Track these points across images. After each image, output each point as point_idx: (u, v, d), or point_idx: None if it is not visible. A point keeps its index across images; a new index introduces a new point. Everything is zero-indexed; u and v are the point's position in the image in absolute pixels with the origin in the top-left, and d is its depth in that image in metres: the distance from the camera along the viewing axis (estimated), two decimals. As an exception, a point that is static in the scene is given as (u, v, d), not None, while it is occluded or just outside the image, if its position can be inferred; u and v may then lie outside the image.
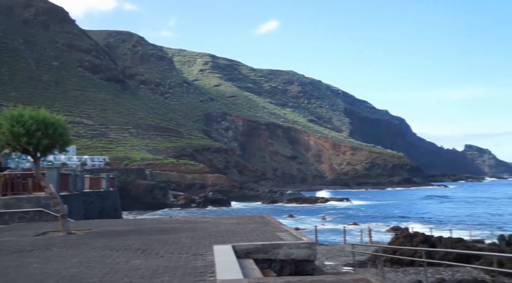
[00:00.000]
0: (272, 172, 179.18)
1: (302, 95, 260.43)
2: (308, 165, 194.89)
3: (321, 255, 20.10)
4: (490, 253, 12.45)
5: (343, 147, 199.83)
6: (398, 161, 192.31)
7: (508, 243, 18.50)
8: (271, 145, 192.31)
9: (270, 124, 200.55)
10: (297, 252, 7.94)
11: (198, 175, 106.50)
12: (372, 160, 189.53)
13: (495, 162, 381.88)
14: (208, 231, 10.28)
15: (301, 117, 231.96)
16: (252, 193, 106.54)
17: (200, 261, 6.29)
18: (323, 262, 18.06)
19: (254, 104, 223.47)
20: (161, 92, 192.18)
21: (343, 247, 24.46)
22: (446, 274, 14.33)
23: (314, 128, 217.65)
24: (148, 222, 14.83)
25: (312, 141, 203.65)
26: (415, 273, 14.96)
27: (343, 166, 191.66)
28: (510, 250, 16.65)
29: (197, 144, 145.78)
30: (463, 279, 12.47)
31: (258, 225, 11.15)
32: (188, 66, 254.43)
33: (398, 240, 18.80)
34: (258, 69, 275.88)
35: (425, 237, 18.81)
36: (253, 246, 7.73)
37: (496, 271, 8.45)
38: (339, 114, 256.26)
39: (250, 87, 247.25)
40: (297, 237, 9.04)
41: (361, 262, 17.73)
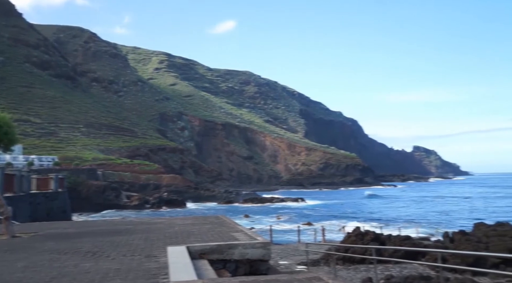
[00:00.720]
0: (228, 172, 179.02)
1: (259, 96, 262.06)
2: (264, 166, 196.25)
3: (276, 254, 20.28)
4: (435, 250, 13.07)
5: (298, 148, 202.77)
6: (351, 161, 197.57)
7: (451, 240, 19.43)
8: (228, 145, 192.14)
9: (226, 124, 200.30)
10: (252, 252, 7.99)
11: (153, 176, 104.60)
12: (326, 161, 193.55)
13: (440, 163, 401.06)
14: (162, 232, 10.13)
15: (258, 117, 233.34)
16: (208, 194, 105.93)
17: (153, 263, 6.18)
18: (277, 261, 18.23)
19: (211, 104, 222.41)
20: (114, 91, 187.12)
21: (297, 247, 24.80)
22: (394, 271, 14.87)
23: (270, 129, 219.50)
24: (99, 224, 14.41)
25: (268, 142, 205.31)
26: (365, 271, 15.42)
27: (298, 166, 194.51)
28: (453, 246, 17.51)
29: (152, 144, 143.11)
30: (410, 275, 12.99)
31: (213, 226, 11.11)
32: (143, 64, 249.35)
33: (350, 239, 19.29)
34: (214, 69, 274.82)
35: (376, 235, 19.41)
36: (207, 246, 7.71)
37: (440, 266, 8.86)
38: (295, 115, 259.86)
39: (206, 87, 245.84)
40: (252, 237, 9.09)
41: (315, 260, 18.05)
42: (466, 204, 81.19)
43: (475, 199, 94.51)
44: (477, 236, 18.58)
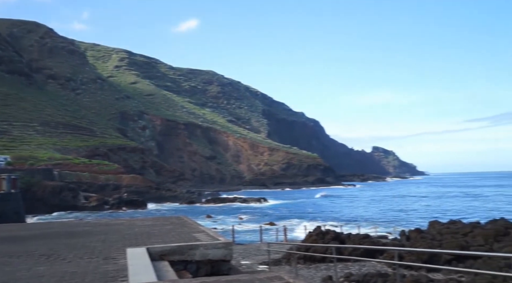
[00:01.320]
0: (191, 173, 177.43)
1: (222, 96, 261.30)
2: (226, 166, 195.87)
3: (238, 254, 20.30)
4: (391, 248, 13.47)
5: (261, 148, 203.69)
6: (313, 161, 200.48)
7: (408, 238, 20.08)
8: (190, 145, 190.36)
9: (189, 124, 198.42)
10: (213, 252, 7.96)
11: (112, 176, 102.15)
12: (288, 161, 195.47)
13: (398, 163, 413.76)
14: (122, 234, 9.91)
15: (220, 117, 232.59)
16: (170, 194, 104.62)
17: (112, 265, 6.04)
18: (239, 261, 18.25)
19: (173, 103, 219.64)
20: (72, 88, 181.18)
21: (259, 246, 24.92)
22: (354, 269, 15.21)
23: (233, 129, 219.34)
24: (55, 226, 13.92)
25: (231, 142, 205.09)
26: (326, 269, 15.68)
27: (261, 166, 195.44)
28: (409, 244, 18.10)
29: (111, 143, 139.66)
30: (368, 272, 13.32)
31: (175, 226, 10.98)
32: (103, 61, 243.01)
33: (311, 238, 19.56)
34: (177, 68, 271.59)
35: (336, 234, 19.78)
36: (168, 247, 7.61)
37: (397, 264, 9.15)
38: (258, 115, 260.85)
39: (168, 85, 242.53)
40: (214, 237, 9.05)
41: (276, 260, 18.19)
42: (422, 203, 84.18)
43: (431, 198, 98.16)
44: (432, 234, 19.28)
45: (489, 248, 16.15)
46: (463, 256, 14.12)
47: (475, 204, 75.98)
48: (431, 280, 11.34)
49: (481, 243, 16.66)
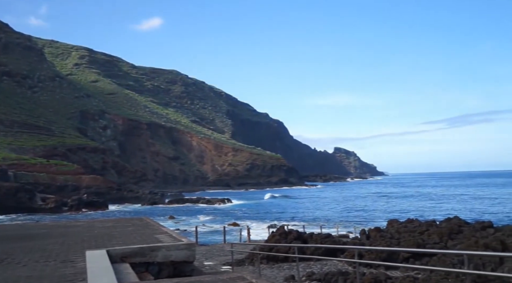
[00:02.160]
0: (153, 173, 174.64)
1: (185, 96, 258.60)
2: (190, 166, 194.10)
3: (201, 255, 20.20)
4: (352, 247, 13.79)
5: (225, 148, 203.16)
6: (276, 162, 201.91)
7: (368, 236, 20.59)
8: (153, 145, 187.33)
9: (151, 123, 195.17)
10: (176, 253, 7.89)
11: (71, 177, 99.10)
12: (252, 161, 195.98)
13: (359, 163, 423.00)
14: (81, 236, 9.65)
15: (184, 117, 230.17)
16: (132, 195, 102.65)
17: (70, 269, 5.88)
18: (202, 262, 18.16)
19: (135, 103, 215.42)
20: (28, 86, 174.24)
21: (223, 247, 24.88)
22: (316, 268, 15.44)
23: (197, 129, 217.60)
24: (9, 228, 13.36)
25: (195, 142, 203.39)
26: (288, 269, 15.85)
27: (225, 167, 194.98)
28: (369, 243, 18.57)
29: (70, 143, 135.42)
30: (330, 271, 13.56)
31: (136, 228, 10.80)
32: (62, 59, 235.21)
33: (274, 238, 19.71)
34: (139, 67, 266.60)
35: (299, 234, 20.02)
36: (129, 249, 7.48)
37: (357, 262, 9.37)
38: (222, 115, 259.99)
39: (131, 85, 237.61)
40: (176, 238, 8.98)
41: (240, 260, 18.23)
42: (381, 202, 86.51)
43: (390, 198, 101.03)
44: (390, 233, 19.87)
45: (444, 245, 16.82)
46: (419, 254, 14.64)
47: (431, 203, 78.81)
48: (389, 278, 11.68)
49: (436, 241, 17.33)
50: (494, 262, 12.92)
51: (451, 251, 12.83)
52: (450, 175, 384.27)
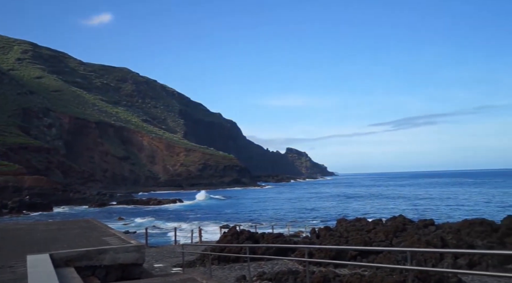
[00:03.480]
0: (102, 173, 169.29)
1: (136, 94, 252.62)
2: (141, 166, 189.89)
3: (151, 257, 19.83)
4: (302, 246, 14.03)
5: (177, 148, 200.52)
6: (229, 162, 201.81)
7: (318, 235, 21.03)
8: (101, 145, 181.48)
9: (100, 122, 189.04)
10: (124, 256, 7.70)
11: (12, 177, 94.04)
12: (205, 161, 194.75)
13: (310, 164, 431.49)
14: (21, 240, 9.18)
15: (135, 116, 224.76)
16: (78, 196, 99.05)
17: (9, 274, 5.57)
18: (152, 264, 17.83)
19: (83, 101, 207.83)
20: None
21: (174, 248, 24.56)
22: (267, 268, 15.57)
23: (148, 129, 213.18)
24: None
25: (146, 142, 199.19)
26: (240, 269, 15.88)
27: (177, 167, 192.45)
28: (319, 242, 18.98)
29: (12, 142, 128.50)
30: (280, 270, 13.73)
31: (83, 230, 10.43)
32: (3, 53, 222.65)
33: (226, 238, 19.69)
34: (88, 64, 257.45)
35: (250, 234, 20.11)
36: (75, 253, 7.22)
37: (307, 261, 9.54)
38: (174, 115, 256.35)
39: (78, 82, 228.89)
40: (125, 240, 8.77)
41: (191, 261, 18.06)
42: (331, 202, 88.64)
43: (340, 197, 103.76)
44: (339, 231, 20.41)
45: (389, 243, 17.50)
46: (367, 251, 15.15)
47: (378, 202, 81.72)
48: (337, 275, 11.98)
49: (383, 239, 18.00)
50: (434, 258, 13.61)
51: (396, 249, 13.36)
52: (396, 175, 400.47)
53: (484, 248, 15.71)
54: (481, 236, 16.77)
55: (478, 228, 17.44)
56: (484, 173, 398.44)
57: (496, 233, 17.37)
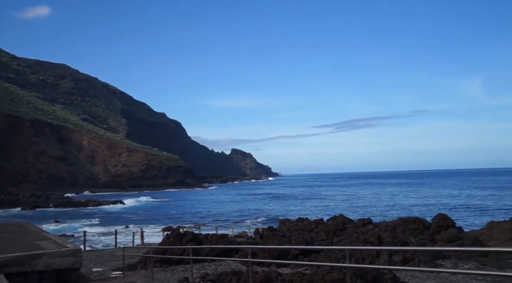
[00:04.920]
0: (37, 174, 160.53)
1: (76, 92, 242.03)
2: (80, 167, 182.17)
3: (89, 261, 19.13)
4: (245, 246, 14.12)
5: (119, 149, 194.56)
6: (173, 163, 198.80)
7: (261, 236, 21.22)
8: (37, 144, 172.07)
9: (36, 121, 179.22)
10: (60, 261, 7.39)
11: None
12: (148, 162, 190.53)
13: (255, 165, 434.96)
14: None
15: (74, 115, 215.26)
16: (10, 198, 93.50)
17: None
18: (90, 269, 17.18)
19: (16, 98, 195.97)
20: None
21: (114, 251, 23.84)
22: (210, 269, 15.50)
23: (88, 128, 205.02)
24: None
25: (86, 141, 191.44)
26: (183, 271, 15.69)
27: (118, 168, 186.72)
28: (262, 242, 19.17)
29: None
30: (224, 271, 13.72)
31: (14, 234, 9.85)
32: None
33: (169, 240, 19.37)
34: (22, 59, 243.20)
35: (194, 236, 19.92)
36: (4, 258, 6.81)
37: (250, 261, 9.62)
38: (116, 114, 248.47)
39: (11, 77, 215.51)
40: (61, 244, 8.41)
41: (132, 265, 17.60)
42: (276, 202, 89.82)
43: (283, 198, 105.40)
44: (282, 231, 20.73)
45: (330, 242, 18.04)
46: (308, 250, 15.51)
47: (320, 202, 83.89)
48: (280, 275, 12.17)
49: (323, 238, 18.53)
50: (372, 255, 14.20)
51: (335, 247, 13.79)
52: (338, 176, 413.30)
53: (416, 245, 16.61)
54: (414, 234, 17.73)
55: (412, 226, 18.43)
56: (419, 173, 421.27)
57: (427, 230, 18.44)
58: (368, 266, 12.23)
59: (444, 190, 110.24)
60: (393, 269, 11.52)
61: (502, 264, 13.94)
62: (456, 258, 14.87)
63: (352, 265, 8.50)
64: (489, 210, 55.87)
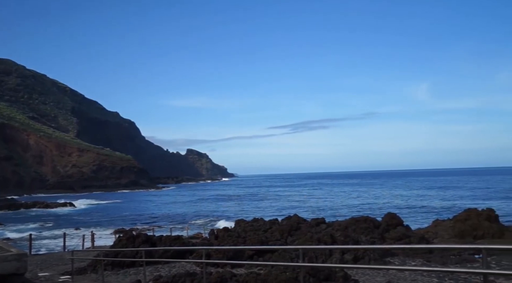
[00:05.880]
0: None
1: (22, 89, 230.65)
2: (26, 167, 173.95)
3: (35, 266, 18.34)
4: (200, 247, 14.04)
5: (69, 148, 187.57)
6: (126, 163, 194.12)
7: (216, 236, 21.16)
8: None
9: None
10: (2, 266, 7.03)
11: None
12: (100, 162, 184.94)
13: (211, 165, 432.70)
14: None
15: (20, 113, 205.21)
16: None
17: None
18: (36, 273, 16.48)
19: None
20: None
21: (62, 255, 22.99)
22: (164, 271, 15.27)
23: (35, 127, 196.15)
24: None
25: (33, 141, 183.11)
26: (135, 273, 15.37)
27: (68, 168, 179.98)
28: (217, 242, 19.11)
29: None
30: (177, 273, 13.55)
31: (-48, 240, 9.24)
32: None
33: (121, 243, 18.92)
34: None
35: (147, 237, 19.56)
36: None
37: (204, 262, 9.56)
38: (66, 112, 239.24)
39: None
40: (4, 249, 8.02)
41: (81, 268, 17.03)
42: (232, 203, 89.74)
43: (239, 198, 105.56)
44: (238, 232, 20.77)
45: (284, 241, 18.27)
46: (262, 250, 15.63)
47: (276, 202, 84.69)
48: (234, 275, 12.17)
49: (278, 238, 18.72)
50: (324, 254, 14.51)
51: (289, 247, 13.98)
52: (293, 176, 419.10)
53: (367, 243, 17.14)
54: (365, 232, 18.30)
55: (363, 225, 19.01)
56: (371, 174, 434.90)
57: (377, 229, 19.08)
58: (320, 265, 12.48)
59: (395, 190, 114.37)
60: (344, 267, 11.83)
61: (445, 260, 14.66)
62: (404, 255, 15.48)
63: (305, 264, 8.65)
64: (435, 208, 58.58)
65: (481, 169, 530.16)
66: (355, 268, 12.75)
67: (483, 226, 19.64)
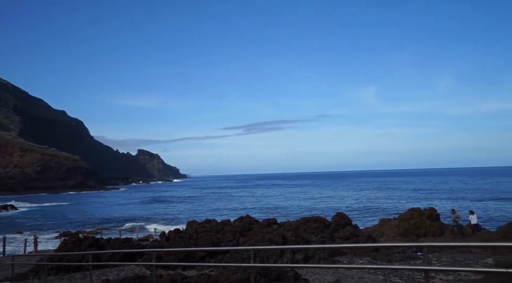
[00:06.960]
0: None
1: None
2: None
3: (-29, 273, 17.26)
4: (149, 250, 13.77)
5: (10, 148, 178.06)
6: (74, 164, 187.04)
7: (167, 238, 20.82)
8: None
9: None
10: None
11: None
12: (44, 163, 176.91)
13: (162, 166, 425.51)
14: None
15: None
16: None
17: None
18: (-28, 281, 15.52)
19: None
20: None
21: (2, 260, 21.82)
22: (112, 275, 14.84)
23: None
24: None
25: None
26: (81, 278, 14.85)
27: (10, 169, 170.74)
28: (168, 244, 18.83)
29: None
30: (126, 276, 13.22)
31: None
32: None
33: (66, 246, 18.19)
34: None
35: (94, 241, 18.95)
36: None
37: (154, 265, 9.39)
38: (8, 110, 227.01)
39: None
40: None
41: (23, 274, 16.24)
42: (183, 204, 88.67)
43: (192, 199, 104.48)
44: (189, 233, 20.54)
45: (236, 242, 18.27)
46: (214, 252, 15.56)
47: (228, 203, 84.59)
48: (185, 277, 12.04)
49: (230, 239, 18.70)
50: (276, 254, 14.67)
51: (241, 248, 14.01)
52: (246, 177, 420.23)
53: (317, 243, 17.50)
54: (315, 232, 18.68)
55: (313, 225, 19.39)
56: (323, 175, 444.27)
57: (327, 229, 19.53)
58: (271, 265, 12.60)
59: (347, 191, 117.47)
60: (295, 267, 12.01)
61: (390, 258, 15.25)
62: (352, 254, 15.95)
63: (256, 265, 8.71)
64: (381, 208, 60.79)
65: (421, 170, 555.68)
66: (305, 268, 12.99)
67: (425, 224, 20.63)
